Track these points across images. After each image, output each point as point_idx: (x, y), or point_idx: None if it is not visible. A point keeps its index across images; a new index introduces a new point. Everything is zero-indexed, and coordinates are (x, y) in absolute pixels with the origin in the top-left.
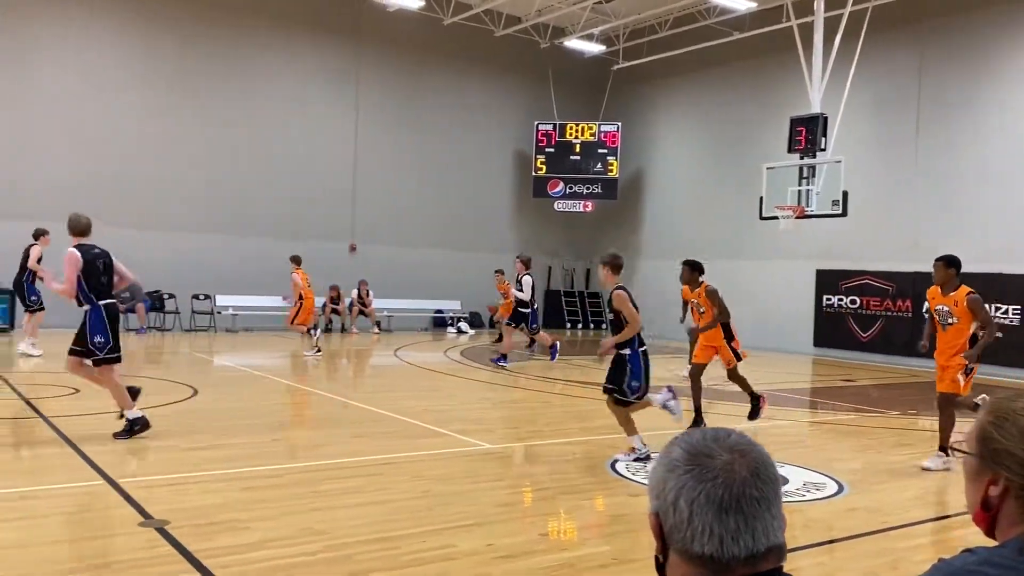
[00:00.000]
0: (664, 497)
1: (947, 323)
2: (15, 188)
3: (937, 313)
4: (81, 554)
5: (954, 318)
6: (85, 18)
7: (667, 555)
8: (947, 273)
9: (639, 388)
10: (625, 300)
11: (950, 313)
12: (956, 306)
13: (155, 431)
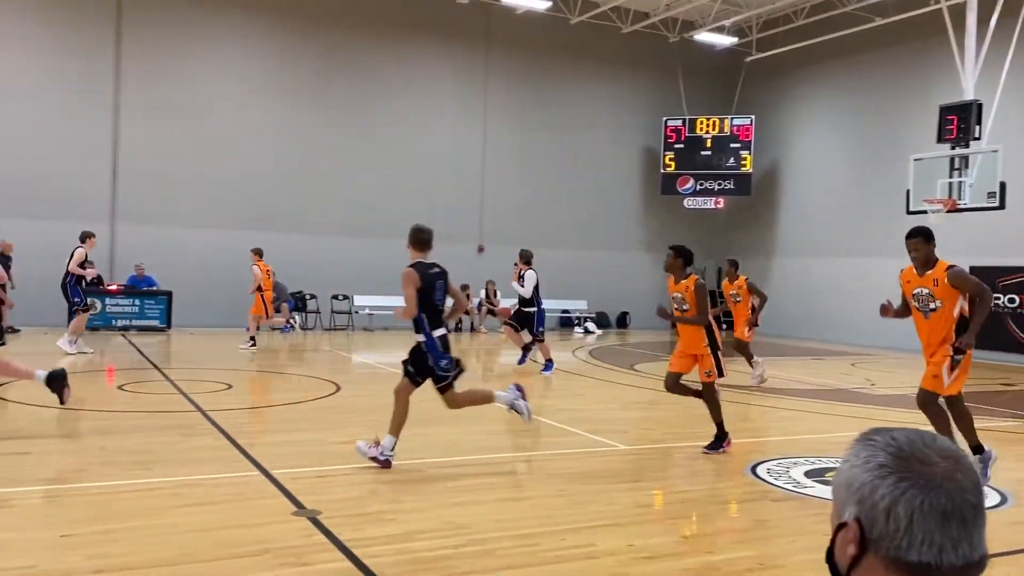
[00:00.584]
0: (873, 504)
1: (929, 309)
2: (182, 193)
3: (916, 299)
4: (243, 540)
5: (936, 301)
6: (240, 30)
7: (858, 561)
8: (928, 249)
9: (449, 363)
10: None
11: (931, 296)
12: (936, 285)
13: (304, 425)
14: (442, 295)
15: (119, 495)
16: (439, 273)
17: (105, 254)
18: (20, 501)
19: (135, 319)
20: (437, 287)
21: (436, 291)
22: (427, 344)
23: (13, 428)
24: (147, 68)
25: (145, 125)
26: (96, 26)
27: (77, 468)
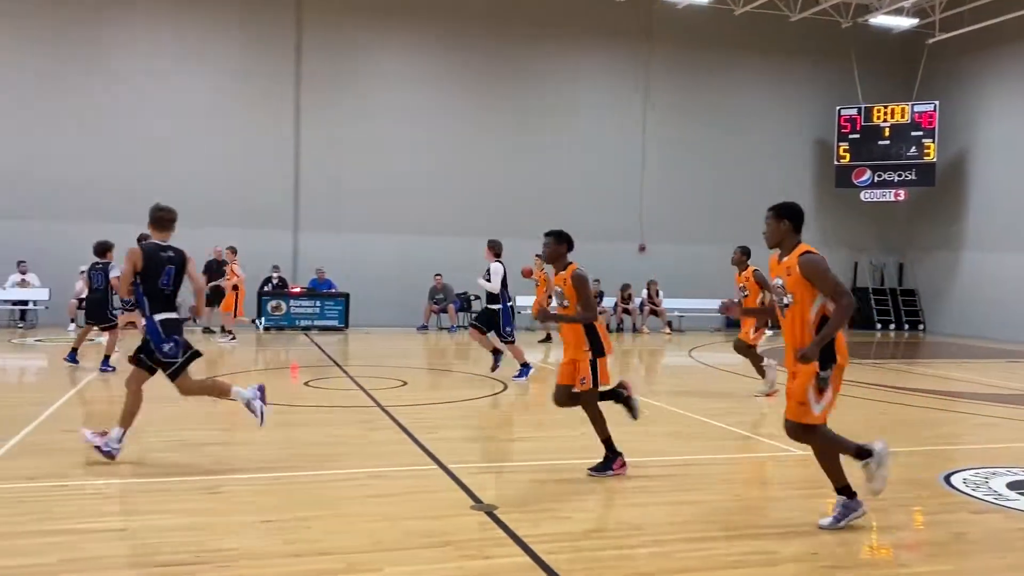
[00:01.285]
0: None
1: (783, 305)
2: (357, 201)
3: (774, 292)
4: (427, 531)
5: (788, 296)
6: (406, 38)
7: None
8: (777, 227)
9: (174, 347)
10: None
11: (784, 288)
12: (789, 275)
13: (476, 421)
14: (169, 279)
15: (312, 484)
16: (172, 257)
17: (289, 260)
18: (225, 488)
19: (316, 319)
20: (166, 271)
21: (163, 275)
22: (147, 328)
23: (218, 422)
24: (324, 83)
25: (324, 139)
26: (277, 46)
27: (273, 459)
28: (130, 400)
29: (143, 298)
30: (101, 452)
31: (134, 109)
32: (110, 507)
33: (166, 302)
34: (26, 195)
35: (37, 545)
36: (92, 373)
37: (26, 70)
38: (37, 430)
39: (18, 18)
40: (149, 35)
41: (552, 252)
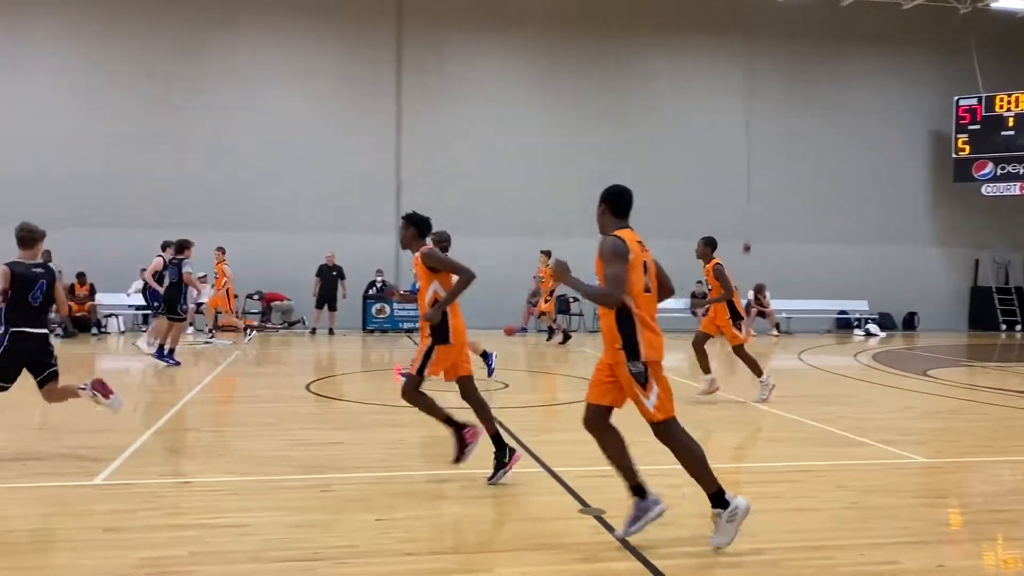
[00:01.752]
0: None
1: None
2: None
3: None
4: (535, 533)
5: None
6: (504, 41)
7: None
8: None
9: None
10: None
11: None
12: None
13: (581, 425)
14: (40, 295)
15: (422, 484)
16: (42, 273)
17: (392, 264)
18: (339, 486)
19: (418, 322)
20: (38, 286)
21: (35, 289)
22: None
23: (329, 422)
24: (424, 89)
25: (424, 143)
26: (378, 54)
27: (381, 458)
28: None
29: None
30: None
31: (241, 120)
32: (231, 503)
33: (32, 317)
34: (145, 205)
35: (168, 538)
36: (210, 374)
37: (139, 86)
38: (162, 429)
39: (134, 36)
40: (254, 49)
41: (405, 236)
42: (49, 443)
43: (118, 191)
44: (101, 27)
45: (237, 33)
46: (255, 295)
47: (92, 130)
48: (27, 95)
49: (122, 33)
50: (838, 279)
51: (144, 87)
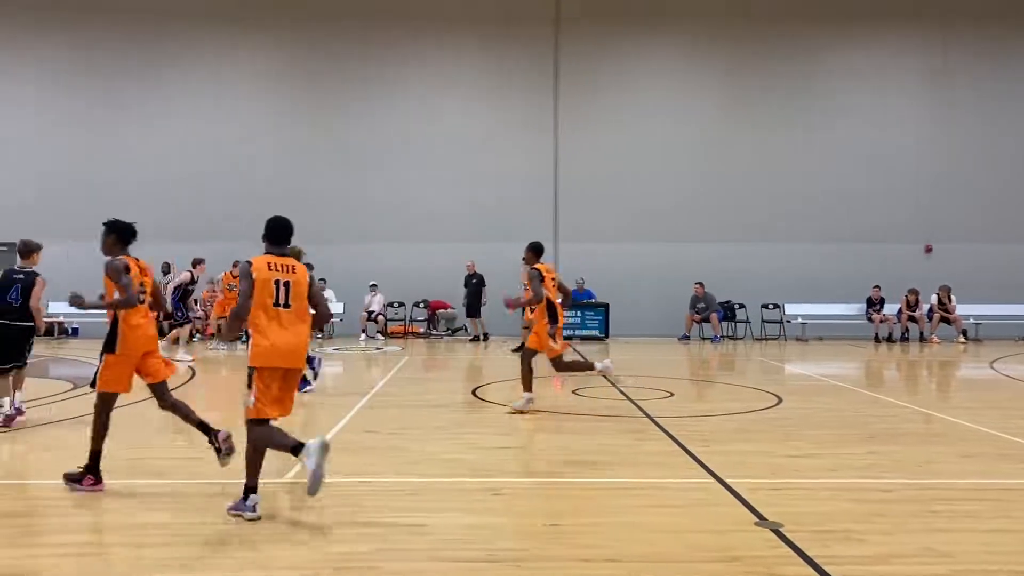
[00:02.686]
0: None
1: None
2: (614, 210)
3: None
4: (711, 545)
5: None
6: (659, 45)
7: None
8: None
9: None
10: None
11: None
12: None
13: (750, 435)
14: (18, 295)
15: (591, 491)
16: (21, 279)
17: None
18: (508, 490)
19: (578, 329)
20: (13, 288)
21: (11, 291)
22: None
23: (497, 427)
24: (581, 93)
25: (581, 149)
26: (535, 59)
27: (549, 464)
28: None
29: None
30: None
31: (402, 133)
32: (410, 503)
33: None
34: (321, 220)
35: (354, 535)
36: (382, 379)
37: (310, 108)
38: (343, 430)
39: (298, 56)
40: (412, 61)
41: (104, 244)
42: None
43: (292, 205)
44: (273, 47)
45: (396, 47)
46: (421, 304)
47: (256, 149)
48: (212, 117)
49: (285, 51)
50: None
51: (323, 113)
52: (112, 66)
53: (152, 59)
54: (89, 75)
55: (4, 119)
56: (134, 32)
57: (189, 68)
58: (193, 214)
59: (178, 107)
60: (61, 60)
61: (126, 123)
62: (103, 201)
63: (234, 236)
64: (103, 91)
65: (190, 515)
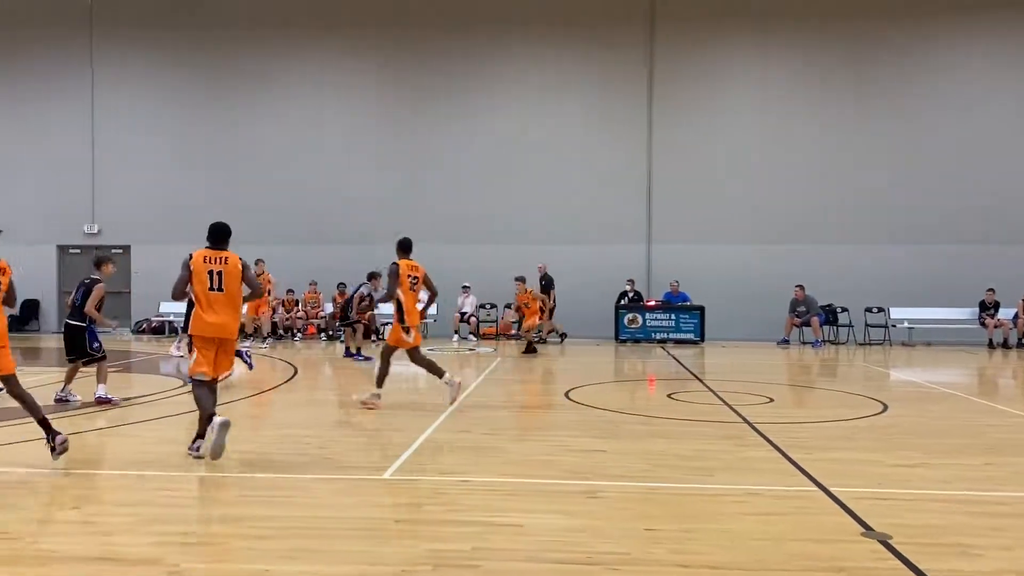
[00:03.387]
0: None
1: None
2: (708, 211)
3: None
4: (814, 555)
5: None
6: (754, 45)
7: None
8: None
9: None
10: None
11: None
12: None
13: (855, 443)
14: (79, 298)
15: (690, 497)
16: (85, 284)
17: (643, 272)
18: (604, 494)
19: (672, 332)
20: (78, 292)
21: (76, 294)
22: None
23: (592, 430)
24: (675, 96)
25: (675, 150)
26: (630, 60)
27: (646, 468)
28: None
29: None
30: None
31: (498, 135)
32: (508, 504)
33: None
34: (416, 222)
35: (452, 533)
36: (475, 380)
37: (398, 110)
38: (437, 429)
39: (397, 59)
40: (506, 63)
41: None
42: (345, 439)
43: (389, 210)
44: (371, 56)
45: (490, 50)
46: (512, 305)
47: (355, 154)
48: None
49: (383, 60)
50: None
51: (404, 117)
52: (221, 77)
53: (257, 70)
54: (197, 85)
55: (117, 130)
56: (241, 43)
57: (292, 79)
58: (294, 219)
59: (284, 116)
60: (169, 71)
61: (233, 132)
62: (211, 209)
63: (338, 239)
64: (212, 100)
65: (299, 509)
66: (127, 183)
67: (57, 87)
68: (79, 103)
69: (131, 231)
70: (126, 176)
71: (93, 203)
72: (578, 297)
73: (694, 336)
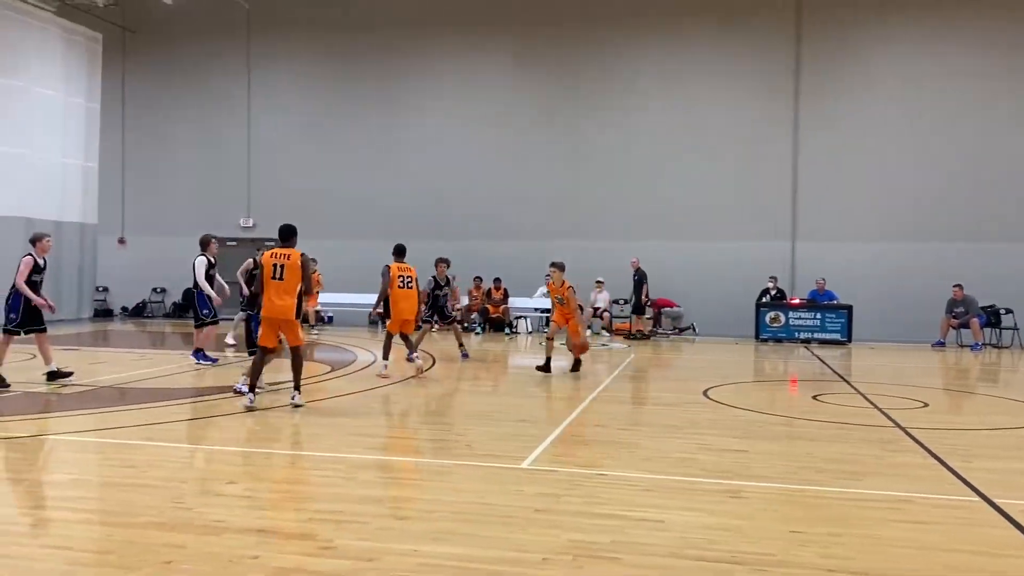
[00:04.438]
0: None
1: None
2: (859, 208)
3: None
4: (971, 567)
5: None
6: (903, 38)
7: None
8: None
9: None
10: None
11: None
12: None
13: (1023, 452)
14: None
15: (837, 501)
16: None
17: (787, 269)
18: (747, 493)
19: (816, 332)
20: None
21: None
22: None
23: (732, 429)
24: (822, 91)
25: (822, 146)
26: (776, 55)
27: (791, 470)
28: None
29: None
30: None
31: (634, 129)
32: (646, 499)
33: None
34: (548, 217)
35: (591, 525)
36: (609, 376)
37: (521, 104)
38: (573, 423)
39: (537, 60)
40: (645, 58)
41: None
42: (482, 428)
43: (525, 206)
44: (511, 53)
45: (629, 43)
46: (646, 302)
47: (501, 151)
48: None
49: (523, 56)
50: None
51: (527, 109)
52: (367, 78)
53: (404, 69)
54: (344, 86)
55: (270, 129)
56: (389, 44)
57: (439, 78)
58: (433, 214)
59: (427, 112)
60: (318, 73)
61: (377, 130)
62: (355, 204)
63: (473, 235)
64: (359, 100)
65: (440, 493)
66: (279, 179)
67: (216, 89)
68: (236, 104)
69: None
70: (278, 173)
71: (248, 198)
72: (716, 294)
73: (840, 336)
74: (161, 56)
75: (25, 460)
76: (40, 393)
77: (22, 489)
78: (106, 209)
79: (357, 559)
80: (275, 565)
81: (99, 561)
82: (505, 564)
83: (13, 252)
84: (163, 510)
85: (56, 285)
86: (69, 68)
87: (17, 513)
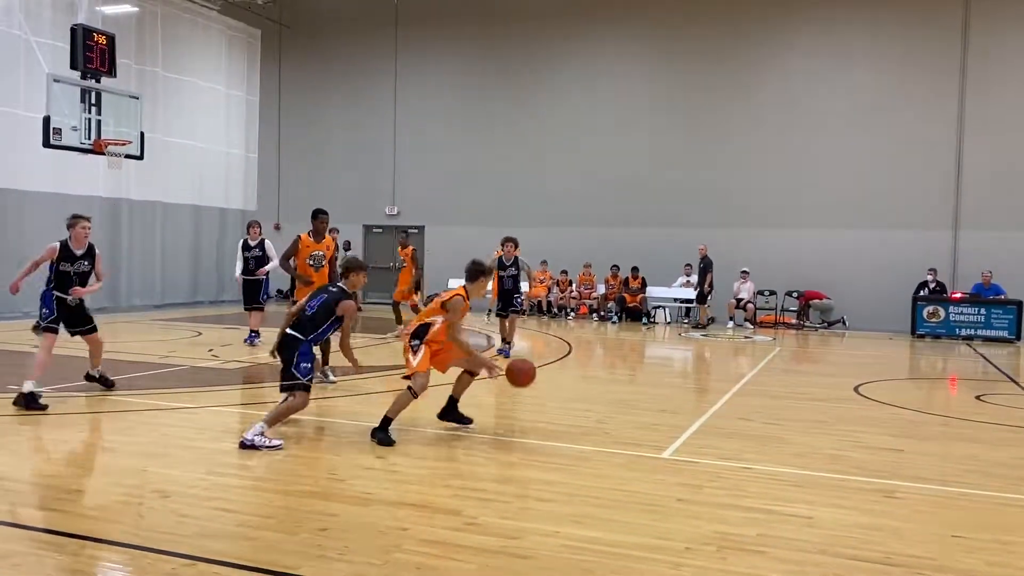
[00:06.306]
0: None
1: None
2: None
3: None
4: None
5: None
6: None
7: None
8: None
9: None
10: None
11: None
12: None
13: None
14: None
15: (1004, 507)
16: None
17: (948, 261)
18: (902, 494)
19: (980, 329)
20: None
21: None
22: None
23: (886, 427)
24: (990, 70)
25: (990, 125)
26: (942, 39)
27: (952, 472)
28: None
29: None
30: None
31: (787, 117)
32: (794, 494)
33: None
34: (687, 206)
35: (736, 518)
36: (753, 368)
37: (685, 85)
38: (715, 416)
39: (692, 44)
40: (804, 43)
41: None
42: (622, 415)
43: (665, 195)
44: (639, 41)
45: (769, 23)
46: (793, 293)
47: (642, 140)
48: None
49: (651, 45)
50: None
51: (692, 92)
52: (510, 69)
53: (545, 59)
54: (487, 77)
55: (416, 120)
56: (530, 36)
57: (582, 66)
58: (572, 202)
59: (568, 102)
60: (462, 65)
61: (518, 122)
62: (498, 193)
63: (612, 222)
64: (501, 91)
65: (582, 478)
66: (423, 169)
67: (366, 81)
68: (384, 95)
69: (426, 213)
70: (423, 162)
71: (394, 187)
72: (868, 287)
73: (1008, 334)
74: (314, 50)
75: (202, 430)
76: (207, 368)
77: (197, 456)
78: (264, 196)
79: (501, 536)
80: (423, 538)
81: (262, 524)
82: (647, 551)
83: (185, 239)
84: (318, 480)
85: (220, 269)
86: (231, 63)
87: (195, 477)
